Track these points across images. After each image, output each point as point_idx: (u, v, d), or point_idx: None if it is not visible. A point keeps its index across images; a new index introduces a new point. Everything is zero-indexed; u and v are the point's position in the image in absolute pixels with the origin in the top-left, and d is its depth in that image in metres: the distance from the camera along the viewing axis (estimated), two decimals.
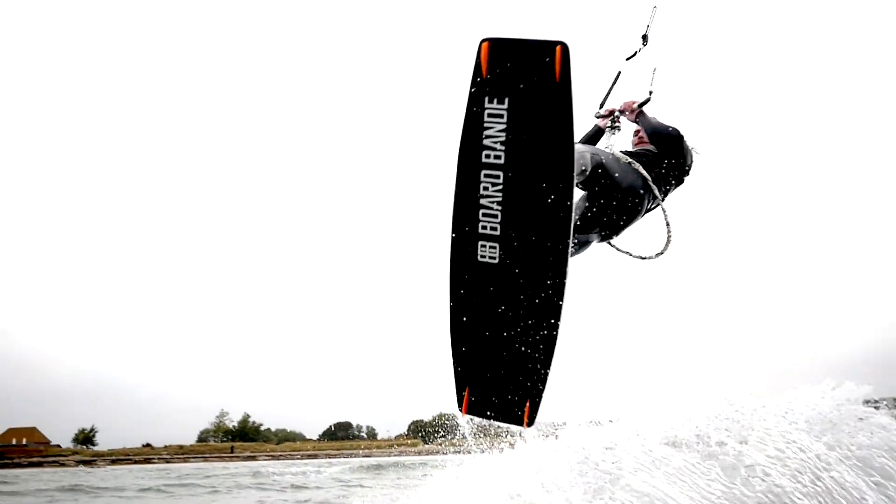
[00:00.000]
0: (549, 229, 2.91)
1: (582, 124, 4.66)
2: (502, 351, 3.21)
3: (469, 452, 5.35)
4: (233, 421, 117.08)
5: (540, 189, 2.90)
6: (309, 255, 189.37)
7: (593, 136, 4.73)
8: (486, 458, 5.24)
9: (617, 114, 4.67)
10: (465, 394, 3.48)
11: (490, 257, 3.01)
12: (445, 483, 5.60)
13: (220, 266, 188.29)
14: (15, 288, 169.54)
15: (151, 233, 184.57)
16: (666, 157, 4.35)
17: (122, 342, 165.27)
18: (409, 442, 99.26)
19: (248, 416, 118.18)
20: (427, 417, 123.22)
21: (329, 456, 78.86)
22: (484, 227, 3.01)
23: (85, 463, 73.89)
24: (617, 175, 4.01)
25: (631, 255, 4.49)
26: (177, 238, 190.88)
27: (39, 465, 72.46)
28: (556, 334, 3.14)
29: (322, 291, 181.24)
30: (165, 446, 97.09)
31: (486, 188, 2.95)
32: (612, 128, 4.67)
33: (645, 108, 4.56)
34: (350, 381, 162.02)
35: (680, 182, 4.56)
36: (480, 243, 3.03)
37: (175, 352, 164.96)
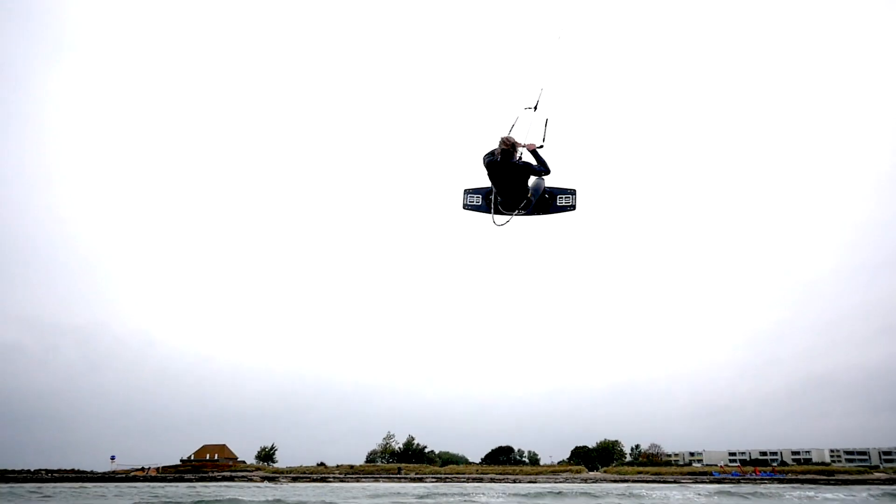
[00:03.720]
0: None
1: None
2: None
3: None
4: (398, 443, 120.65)
5: None
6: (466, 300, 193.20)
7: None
8: None
9: (520, 147, 8.29)
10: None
11: None
12: None
13: (397, 305, 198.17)
14: (219, 318, 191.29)
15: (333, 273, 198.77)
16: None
17: (299, 367, 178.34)
18: (573, 468, 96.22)
19: (413, 439, 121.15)
20: (591, 444, 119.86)
21: (493, 480, 78.06)
22: None
23: (269, 479, 79.07)
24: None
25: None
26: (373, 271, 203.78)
27: (231, 479, 78.55)
28: None
29: (485, 322, 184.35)
30: (338, 465, 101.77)
31: None
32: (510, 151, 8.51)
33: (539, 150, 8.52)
34: (511, 407, 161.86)
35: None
36: None
37: (345, 378, 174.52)
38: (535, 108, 7.90)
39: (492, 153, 8.28)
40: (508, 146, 8.16)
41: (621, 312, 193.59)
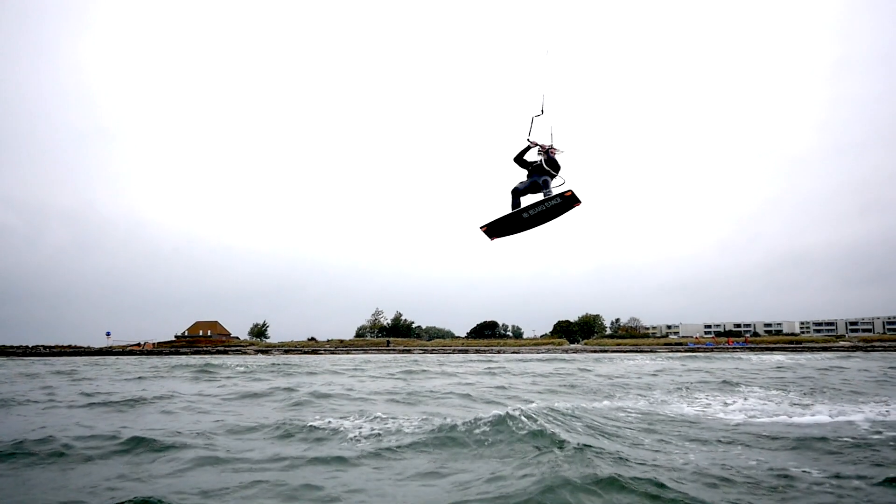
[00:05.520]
0: None
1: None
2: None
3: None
4: (386, 319, 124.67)
5: None
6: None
7: (526, 150, 10.16)
8: None
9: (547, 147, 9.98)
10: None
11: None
12: None
13: (388, 189, 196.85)
14: (210, 199, 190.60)
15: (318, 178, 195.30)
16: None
17: (291, 248, 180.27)
18: (556, 341, 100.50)
19: (401, 315, 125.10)
20: (573, 319, 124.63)
21: (478, 351, 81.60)
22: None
23: (262, 352, 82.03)
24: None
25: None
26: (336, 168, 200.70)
27: (225, 352, 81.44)
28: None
29: (475, 205, 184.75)
30: (328, 340, 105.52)
31: None
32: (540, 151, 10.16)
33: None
34: (495, 284, 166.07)
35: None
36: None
37: (336, 259, 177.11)
38: (542, 112, 9.52)
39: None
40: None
41: (611, 196, 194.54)
